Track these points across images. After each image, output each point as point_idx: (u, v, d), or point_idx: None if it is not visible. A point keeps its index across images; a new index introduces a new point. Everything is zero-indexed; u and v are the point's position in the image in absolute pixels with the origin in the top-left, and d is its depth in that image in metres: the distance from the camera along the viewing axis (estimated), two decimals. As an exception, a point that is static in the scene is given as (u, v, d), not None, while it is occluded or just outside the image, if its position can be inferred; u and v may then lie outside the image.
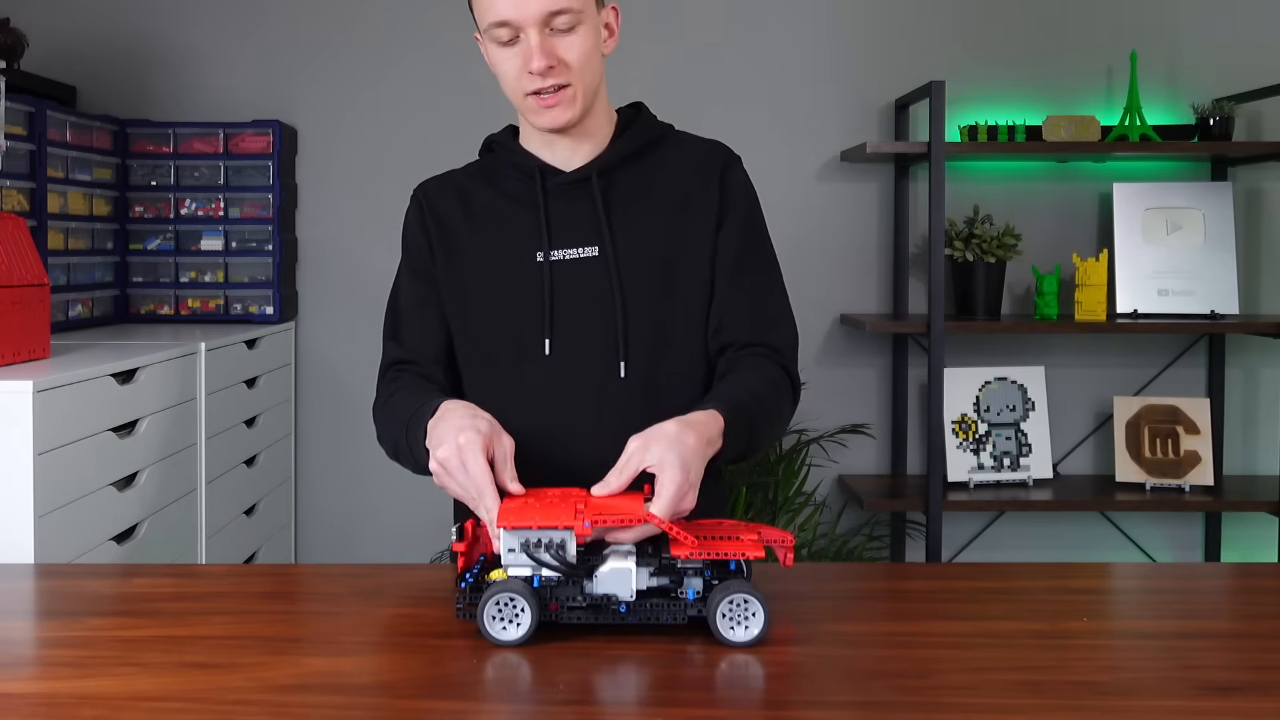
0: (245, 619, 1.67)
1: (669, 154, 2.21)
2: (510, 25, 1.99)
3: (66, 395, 2.52)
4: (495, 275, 2.13)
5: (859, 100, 4.08)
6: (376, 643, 1.58)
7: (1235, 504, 3.79)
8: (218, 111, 4.07)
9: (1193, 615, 1.71)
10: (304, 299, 4.14)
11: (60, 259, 3.51)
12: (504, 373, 2.11)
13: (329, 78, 4.09)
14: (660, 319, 2.10)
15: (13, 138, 3.23)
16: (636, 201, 2.14)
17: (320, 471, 4.17)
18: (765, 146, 4.03)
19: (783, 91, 4.07)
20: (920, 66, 4.04)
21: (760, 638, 1.55)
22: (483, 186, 2.22)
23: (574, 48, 2.02)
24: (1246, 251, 4.07)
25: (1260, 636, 1.61)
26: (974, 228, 3.87)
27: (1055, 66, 4.06)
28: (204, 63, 4.10)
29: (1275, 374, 4.03)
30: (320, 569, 1.99)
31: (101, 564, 2.61)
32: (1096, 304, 3.79)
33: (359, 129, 4.10)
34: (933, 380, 3.69)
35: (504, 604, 1.56)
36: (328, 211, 4.12)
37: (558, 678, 1.45)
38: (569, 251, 2.11)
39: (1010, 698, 1.38)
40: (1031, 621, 1.65)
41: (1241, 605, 1.81)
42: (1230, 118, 3.84)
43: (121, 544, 2.81)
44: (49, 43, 3.96)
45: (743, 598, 1.56)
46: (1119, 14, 4.04)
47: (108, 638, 1.58)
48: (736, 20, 4.05)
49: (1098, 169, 4.07)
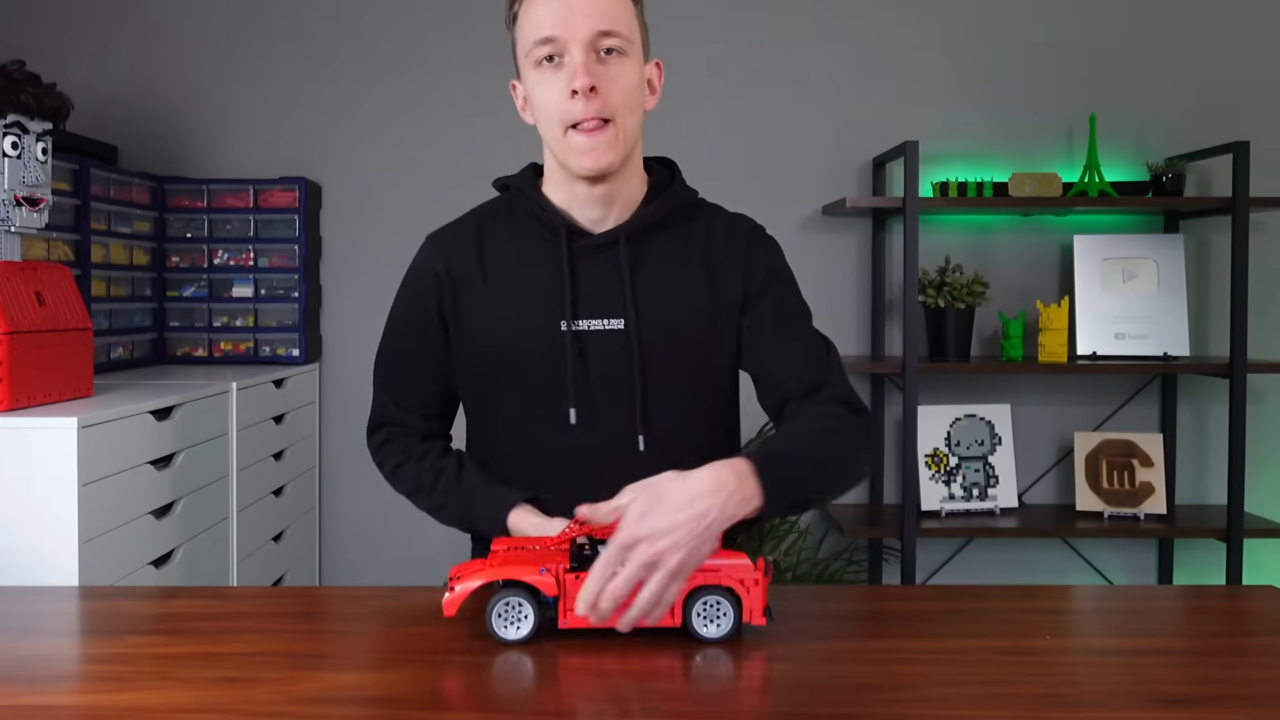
0: (273, 637, 1.67)
1: (697, 225, 2.06)
2: (555, 43, 1.85)
3: (108, 431, 2.53)
4: (516, 337, 1.99)
5: (839, 158, 4.10)
6: (394, 659, 1.57)
7: (1186, 531, 3.78)
8: (248, 169, 4.10)
9: (1147, 633, 1.71)
10: (327, 342, 4.15)
11: (103, 305, 3.52)
12: (523, 436, 2.01)
13: (351, 137, 4.11)
14: (681, 394, 1.99)
15: (59, 193, 3.24)
16: (663, 271, 2.00)
17: (342, 501, 4.17)
18: (753, 201, 4.01)
19: (769, 150, 4.09)
20: (896, 127, 4.06)
21: (731, 634, 1.59)
22: (501, 236, 2.05)
23: (618, 79, 1.87)
24: (1196, 298, 4.08)
25: (1209, 654, 1.61)
26: (945, 276, 3.88)
27: (1020, 127, 4.08)
28: (235, 124, 4.12)
29: (1223, 411, 4.03)
30: (342, 591, 1.98)
31: (141, 586, 2.61)
32: (1058, 346, 3.80)
33: (378, 185, 4.11)
34: (907, 417, 3.69)
35: (510, 606, 1.59)
36: (349, 261, 4.13)
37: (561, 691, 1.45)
38: (594, 322, 1.96)
39: (980, 709, 1.38)
40: (999, 639, 1.65)
41: (1192, 624, 1.80)
42: (1182, 174, 3.86)
43: (159, 568, 2.81)
44: (92, 105, 3.98)
45: (715, 599, 1.59)
46: (1079, 79, 4.07)
47: (146, 654, 1.58)
48: (725, 84, 4.08)
49: (1059, 222, 4.08)
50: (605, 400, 1.97)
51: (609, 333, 1.97)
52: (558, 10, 1.85)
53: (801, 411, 1.97)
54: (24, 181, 2.57)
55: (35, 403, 2.52)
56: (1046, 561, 4.13)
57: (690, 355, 2.00)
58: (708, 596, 1.59)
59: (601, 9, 1.85)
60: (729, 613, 1.59)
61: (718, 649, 1.58)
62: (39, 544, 2.38)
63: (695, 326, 2.00)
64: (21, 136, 2.55)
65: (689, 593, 1.59)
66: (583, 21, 1.84)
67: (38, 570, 2.37)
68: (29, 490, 2.38)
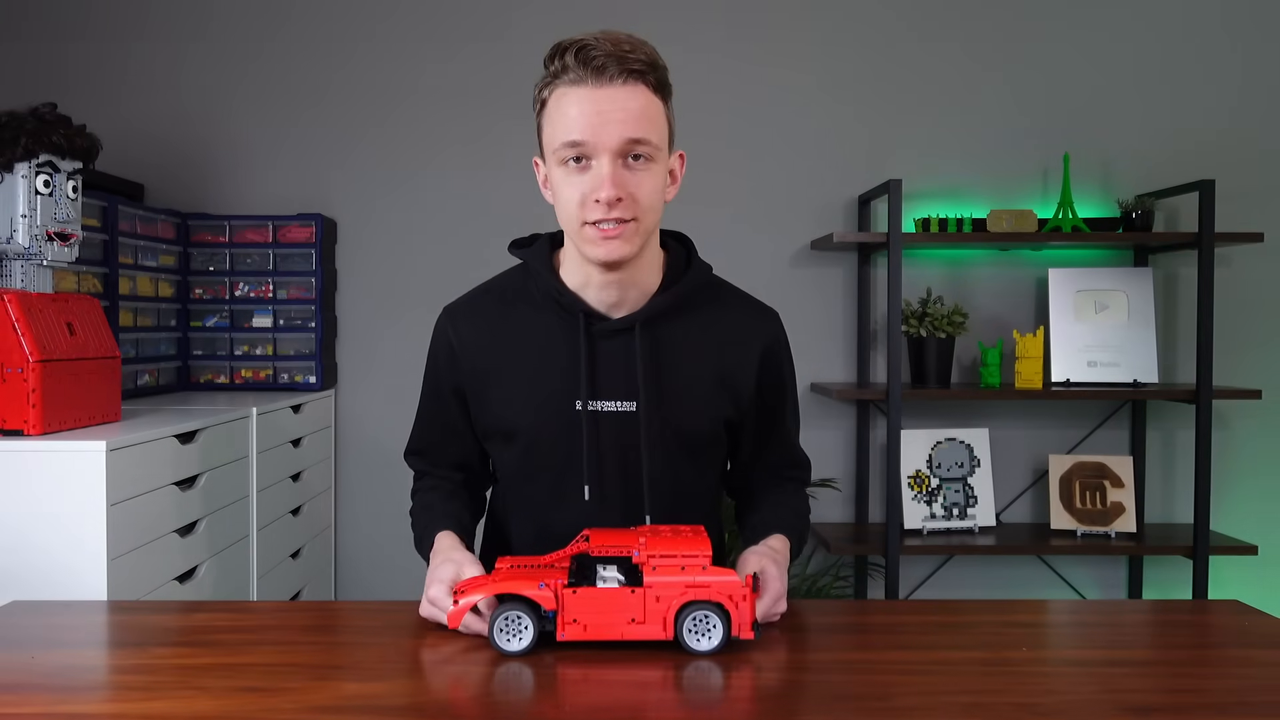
0: (292, 649, 1.67)
1: (715, 312, 1.99)
2: (583, 146, 1.75)
3: (135, 454, 2.53)
4: (533, 414, 1.95)
5: (827, 196, 4.11)
6: (407, 670, 1.58)
7: (1155, 549, 3.77)
8: (267, 205, 4.11)
9: (1118, 645, 1.71)
10: (343, 369, 4.15)
11: (130, 335, 3.53)
12: (540, 503, 2.00)
13: (365, 176, 4.12)
14: (683, 478, 1.98)
15: (88, 229, 3.25)
16: (678, 355, 1.94)
17: (357, 520, 4.17)
18: (744, 237, 4.05)
19: (761, 188, 4.10)
20: (880, 166, 4.08)
21: (720, 647, 1.59)
22: (517, 315, 1.98)
23: (645, 184, 1.78)
24: (1165, 328, 4.09)
25: (1176, 664, 1.61)
26: (927, 307, 3.89)
27: (998, 166, 4.10)
28: (256, 162, 4.13)
29: (1189, 435, 4.04)
30: (357, 605, 1.98)
31: (166, 600, 2.60)
32: (1034, 374, 3.81)
33: (391, 221, 4.12)
34: (891, 440, 3.70)
35: (511, 620, 1.60)
36: (363, 293, 4.14)
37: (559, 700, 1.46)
38: (607, 404, 1.91)
39: (961, 718, 1.38)
40: (978, 651, 1.65)
41: (1160, 637, 1.81)
42: (1151, 211, 3.87)
43: (183, 583, 2.81)
44: (120, 145, 4.00)
45: (704, 614, 1.59)
46: (1053, 121, 4.08)
47: (171, 665, 1.58)
48: (718, 125, 4.09)
49: (1035, 256, 4.09)
50: (616, 477, 1.95)
51: (621, 414, 1.93)
52: (589, 114, 1.74)
53: (795, 491, 2.17)
54: (55, 218, 2.58)
55: (66, 427, 2.52)
56: (1023, 577, 4.13)
57: (694, 443, 1.99)
58: (698, 611, 1.59)
59: (634, 115, 1.75)
60: (719, 626, 1.59)
61: (708, 661, 1.58)
62: (70, 560, 2.38)
63: (705, 414, 1.98)
64: (53, 175, 2.57)
65: (680, 607, 1.60)
66: (614, 129, 1.73)
67: (69, 585, 2.37)
68: (61, 510, 2.38)
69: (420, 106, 4.11)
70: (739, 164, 4.10)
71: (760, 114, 4.11)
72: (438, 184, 4.12)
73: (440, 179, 4.12)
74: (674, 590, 1.59)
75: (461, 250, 4.05)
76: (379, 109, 4.12)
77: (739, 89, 4.10)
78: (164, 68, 4.12)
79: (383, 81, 4.12)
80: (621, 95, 1.74)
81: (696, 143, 4.06)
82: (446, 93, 4.11)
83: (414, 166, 4.12)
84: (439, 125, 4.12)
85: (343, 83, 4.12)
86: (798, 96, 4.11)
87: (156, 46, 4.12)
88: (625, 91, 1.74)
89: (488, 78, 4.08)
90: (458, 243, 4.04)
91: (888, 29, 4.11)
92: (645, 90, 1.76)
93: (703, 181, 4.05)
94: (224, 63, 4.12)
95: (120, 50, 4.12)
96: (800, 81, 4.11)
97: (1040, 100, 4.10)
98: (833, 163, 4.12)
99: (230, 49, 4.12)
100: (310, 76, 4.12)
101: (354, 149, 4.13)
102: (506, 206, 4.02)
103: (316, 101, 4.12)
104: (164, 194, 4.11)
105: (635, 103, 1.75)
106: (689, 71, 4.05)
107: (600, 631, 1.60)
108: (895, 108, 4.11)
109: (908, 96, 4.11)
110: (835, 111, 4.11)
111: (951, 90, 4.11)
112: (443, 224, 4.10)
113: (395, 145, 4.12)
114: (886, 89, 4.11)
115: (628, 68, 1.74)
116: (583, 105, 1.74)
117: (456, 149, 4.11)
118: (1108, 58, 4.10)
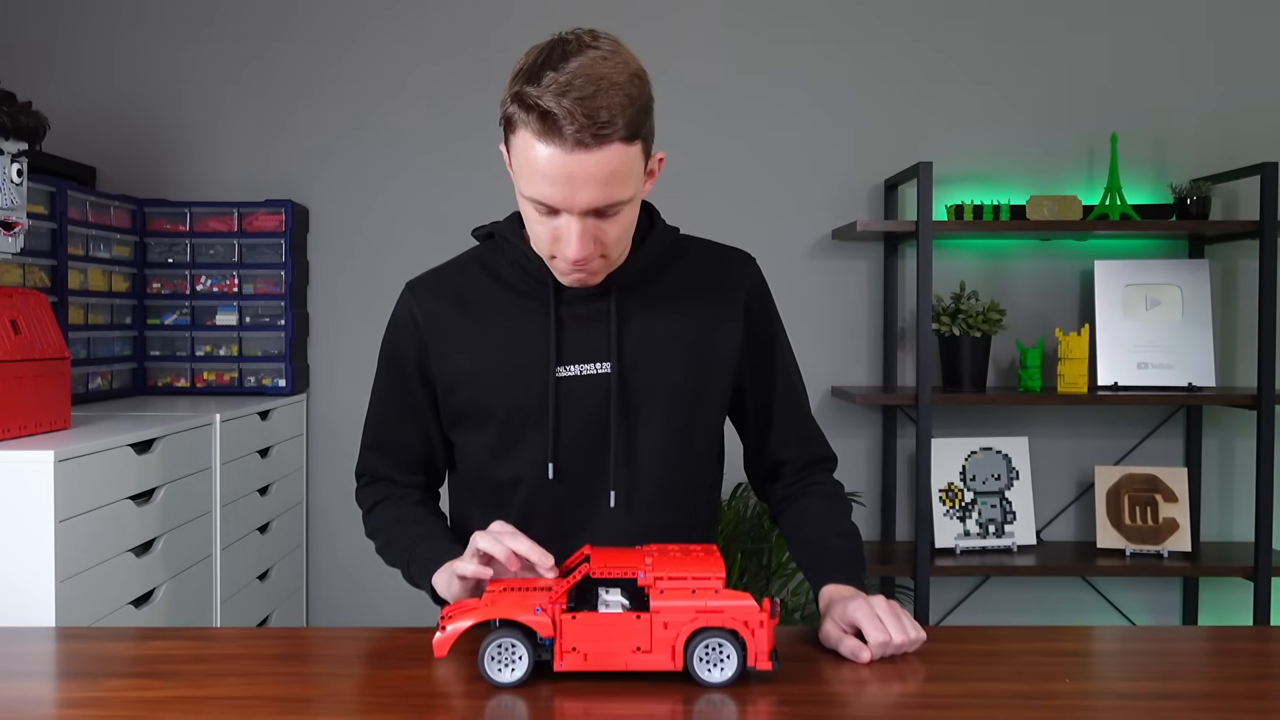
0: (258, 680, 1.67)
1: (687, 263, 2.07)
2: (552, 205, 1.78)
3: (86, 465, 2.53)
4: (498, 386, 2.00)
5: (850, 180, 4.12)
6: (384, 703, 1.58)
7: (1212, 569, 3.78)
8: (232, 191, 4.11)
9: (1170, 677, 1.71)
10: (315, 372, 4.15)
11: (80, 333, 3.53)
12: (500, 483, 2.04)
13: (340, 159, 4.13)
14: (660, 449, 2.01)
15: (34, 216, 3.25)
16: (653, 315, 2.00)
17: (330, 538, 4.17)
18: (759, 225, 4.05)
19: (776, 172, 4.10)
20: (908, 148, 4.08)
21: (734, 678, 1.59)
22: (483, 283, 2.05)
23: (613, 229, 1.83)
24: (1222, 326, 4.09)
25: (1235, 697, 1.61)
26: (960, 303, 3.89)
27: (1038, 148, 4.10)
28: (219, 144, 4.14)
29: (1250, 444, 4.04)
30: (330, 632, 1.98)
31: (120, 627, 2.61)
32: (1078, 377, 3.81)
33: (369, 208, 4.13)
34: (920, 450, 3.70)
35: (504, 648, 1.59)
36: (338, 287, 4.15)
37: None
38: (585, 367, 1.97)
39: (995, 756, 1.38)
40: (1016, 683, 1.65)
41: (1217, 667, 1.81)
42: (1207, 197, 3.87)
43: (139, 608, 2.81)
44: (69, 125, 4.00)
45: (717, 642, 1.58)
46: (1100, 98, 4.08)
47: (125, 698, 1.58)
48: (732, 105, 4.10)
49: (1079, 246, 4.10)
50: (581, 450, 1.99)
51: (593, 377, 1.97)
52: (558, 179, 1.75)
53: (833, 494, 2.20)
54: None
55: (10, 435, 2.52)
56: (1066, 601, 4.13)
57: (676, 408, 2.02)
58: (710, 639, 1.59)
59: (604, 180, 1.75)
60: (733, 655, 1.58)
61: (721, 694, 1.57)
62: (14, 582, 2.38)
63: (685, 376, 2.02)
64: (-3, 158, 2.57)
65: (691, 635, 1.59)
66: (584, 195, 1.75)
67: (13, 610, 2.37)
68: (3, 526, 2.38)
69: (403, 82, 4.12)
70: (752, 146, 4.10)
71: (775, 91, 4.11)
72: (421, 166, 4.12)
73: (423, 161, 4.12)
74: (684, 616, 1.59)
75: (448, 239, 4.00)
76: (355, 86, 4.12)
77: (753, 61, 4.11)
78: (119, 40, 4.13)
79: (358, 56, 4.12)
80: (591, 162, 1.73)
81: (704, 122, 4.06)
82: (431, 69, 4.11)
83: (393, 148, 4.12)
84: (421, 106, 4.12)
85: (316, 57, 4.12)
86: (818, 71, 4.11)
87: (111, 18, 4.13)
88: (595, 158, 1.72)
89: (473, 55, 4.08)
90: (444, 232, 4.04)
91: (917, -4, 4.12)
92: (618, 147, 1.74)
93: (713, 166, 4.05)
94: (185, 34, 4.13)
95: (71, 22, 4.12)
96: (820, 54, 4.11)
97: (1086, 74, 4.10)
98: (856, 143, 4.12)
99: (192, 20, 4.13)
100: (280, 50, 4.12)
101: (327, 129, 4.13)
102: (498, 188, 4.01)
103: (287, 76, 4.13)
104: (118, 178, 4.11)
105: (607, 169, 1.74)
106: (696, 45, 4.05)
107: (602, 661, 1.60)
108: (925, 82, 4.11)
109: (939, 70, 4.11)
110: (859, 86, 4.12)
111: (987, 63, 4.11)
112: (426, 210, 4.11)
113: (373, 124, 4.13)
114: (915, 62, 4.12)
115: (599, 134, 1.71)
116: (553, 167, 1.74)
117: (441, 128, 4.11)
118: (1160, 27, 4.10)
